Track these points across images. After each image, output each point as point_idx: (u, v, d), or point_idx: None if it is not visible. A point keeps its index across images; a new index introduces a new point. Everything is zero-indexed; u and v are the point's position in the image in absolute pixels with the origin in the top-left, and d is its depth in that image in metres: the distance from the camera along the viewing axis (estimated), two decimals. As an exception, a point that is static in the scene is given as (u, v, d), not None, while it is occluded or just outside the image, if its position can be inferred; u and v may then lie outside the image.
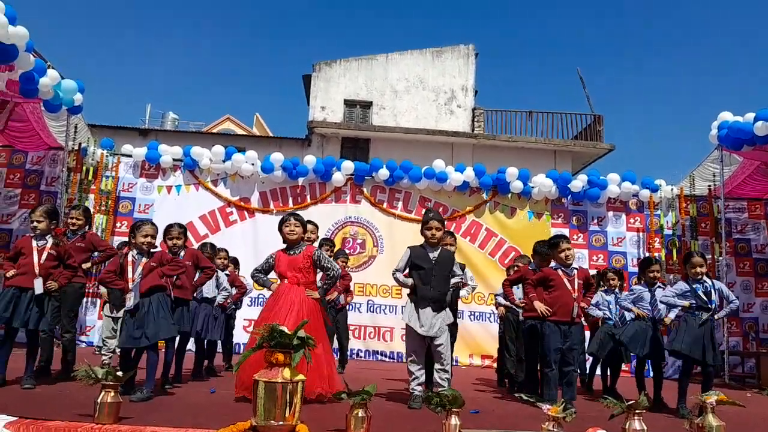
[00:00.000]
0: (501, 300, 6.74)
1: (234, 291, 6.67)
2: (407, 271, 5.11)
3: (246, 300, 7.84)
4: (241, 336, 8.32)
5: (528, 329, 5.83)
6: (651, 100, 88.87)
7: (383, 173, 9.84)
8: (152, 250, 4.85)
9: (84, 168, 9.37)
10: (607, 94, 77.40)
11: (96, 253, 5.83)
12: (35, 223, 4.92)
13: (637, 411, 3.52)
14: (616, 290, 6.49)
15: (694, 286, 5.26)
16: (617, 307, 6.23)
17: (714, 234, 9.53)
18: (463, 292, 5.92)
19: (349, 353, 8.99)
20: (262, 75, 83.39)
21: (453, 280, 5.22)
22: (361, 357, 9.32)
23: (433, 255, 5.04)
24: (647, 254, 9.59)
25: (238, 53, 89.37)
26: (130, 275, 4.67)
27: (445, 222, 5.87)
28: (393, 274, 5.12)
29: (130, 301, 4.59)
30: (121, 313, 5.87)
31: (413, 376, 4.91)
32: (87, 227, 5.89)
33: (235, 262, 7.25)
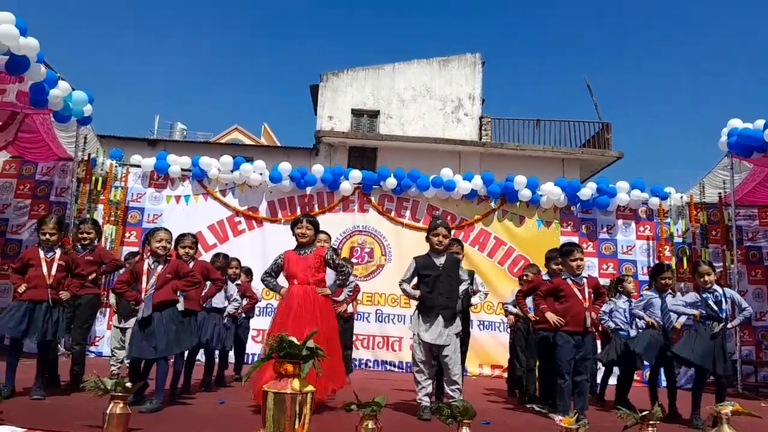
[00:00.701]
0: (511, 308, 6.67)
1: (245, 301, 6.66)
2: (414, 281, 5.09)
3: (255, 310, 7.81)
4: (251, 346, 8.30)
5: (540, 340, 5.78)
6: (659, 105, 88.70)
7: (391, 182, 9.84)
8: (168, 256, 4.86)
9: (93, 178, 9.42)
10: (615, 100, 77.31)
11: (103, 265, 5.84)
12: (48, 235, 4.92)
13: (651, 422, 3.47)
14: (630, 298, 6.42)
15: (704, 295, 5.21)
16: (631, 316, 6.17)
17: (725, 242, 9.45)
18: (475, 299, 5.88)
19: (357, 363, 8.99)
20: (270, 85, 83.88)
21: (461, 288, 5.14)
22: (369, 367, 9.27)
23: (440, 261, 5.02)
24: (657, 262, 9.51)
25: (245, 64, 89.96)
26: (144, 284, 4.67)
27: (453, 231, 5.83)
28: (400, 285, 5.09)
29: (143, 311, 4.59)
30: (129, 323, 5.90)
31: (420, 386, 4.88)
32: (97, 240, 5.93)
33: (248, 272, 7.25)
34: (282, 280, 5.12)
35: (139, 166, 9.90)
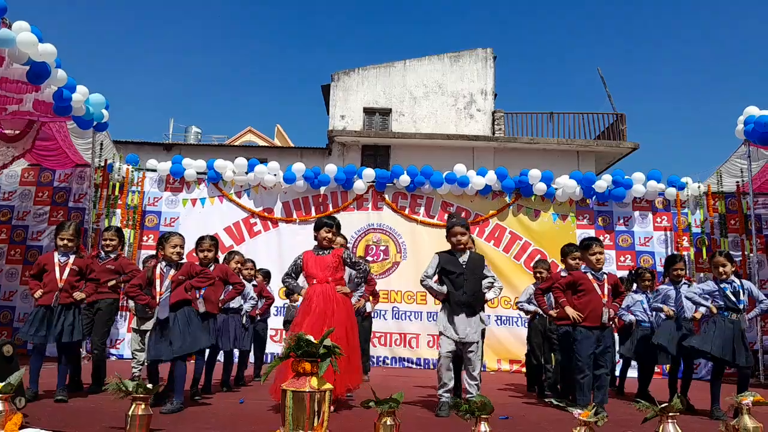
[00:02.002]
0: (526, 306, 6.63)
1: (261, 302, 6.72)
2: (436, 277, 5.09)
3: (272, 310, 7.89)
4: (270, 346, 8.37)
5: (563, 335, 5.75)
6: (674, 95, 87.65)
7: (404, 179, 9.84)
8: (180, 262, 4.91)
9: (110, 184, 9.54)
10: (629, 90, 76.51)
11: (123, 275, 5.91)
12: (66, 241, 5.02)
13: (670, 414, 3.44)
14: (648, 291, 6.39)
15: (721, 286, 5.17)
16: (651, 309, 6.15)
17: (744, 231, 9.34)
18: (489, 294, 5.85)
19: (375, 360, 9.02)
20: (282, 86, 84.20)
21: (484, 283, 5.13)
22: (387, 364, 9.30)
23: (463, 259, 5.02)
24: (670, 254, 9.43)
25: (257, 66, 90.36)
26: (158, 288, 4.73)
27: (469, 226, 5.78)
28: (422, 282, 5.05)
29: (161, 314, 4.64)
30: (148, 326, 5.99)
31: (442, 383, 4.88)
32: (121, 247, 6.01)
33: (266, 275, 7.31)
34: (302, 281, 5.16)
35: (155, 171, 10.00)
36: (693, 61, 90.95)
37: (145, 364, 5.99)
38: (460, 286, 4.93)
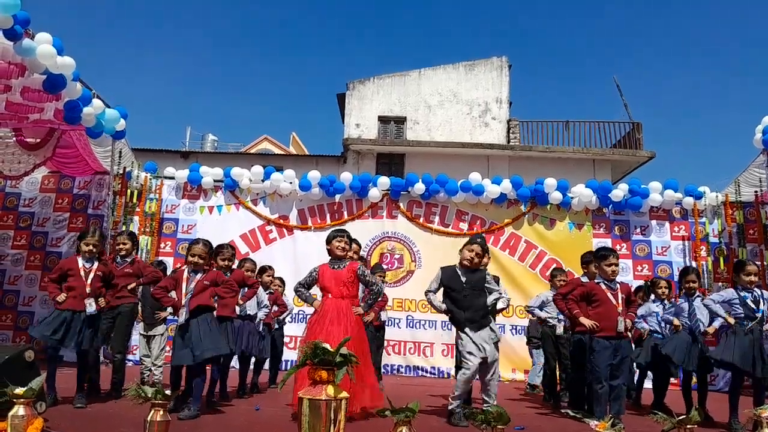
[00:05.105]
0: (537, 312, 6.62)
1: (275, 309, 6.76)
2: (440, 292, 5.14)
3: (287, 317, 7.91)
4: (284, 353, 8.39)
5: (575, 344, 5.73)
6: (691, 104, 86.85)
7: (419, 188, 9.85)
8: (205, 267, 4.98)
9: (129, 191, 9.64)
10: (645, 99, 75.93)
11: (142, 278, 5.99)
12: (91, 247, 5.09)
13: (688, 426, 3.42)
14: (665, 300, 6.35)
15: (742, 294, 5.13)
16: (661, 320, 6.12)
17: (762, 240, 9.23)
18: (499, 305, 5.84)
19: (389, 369, 9.02)
20: (298, 95, 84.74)
21: (491, 298, 5.10)
22: (401, 372, 9.29)
23: (465, 278, 5.04)
24: (693, 263, 9.35)
25: (273, 74, 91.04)
26: (183, 290, 4.81)
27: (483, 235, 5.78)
28: (426, 294, 5.16)
29: (182, 317, 4.73)
30: (154, 332, 6.13)
31: (457, 394, 4.81)
32: (135, 251, 6.08)
33: (282, 282, 7.35)
34: (315, 291, 5.19)
35: (172, 178, 10.11)
36: (710, 68, 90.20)
37: (152, 369, 6.10)
38: (462, 304, 4.98)
